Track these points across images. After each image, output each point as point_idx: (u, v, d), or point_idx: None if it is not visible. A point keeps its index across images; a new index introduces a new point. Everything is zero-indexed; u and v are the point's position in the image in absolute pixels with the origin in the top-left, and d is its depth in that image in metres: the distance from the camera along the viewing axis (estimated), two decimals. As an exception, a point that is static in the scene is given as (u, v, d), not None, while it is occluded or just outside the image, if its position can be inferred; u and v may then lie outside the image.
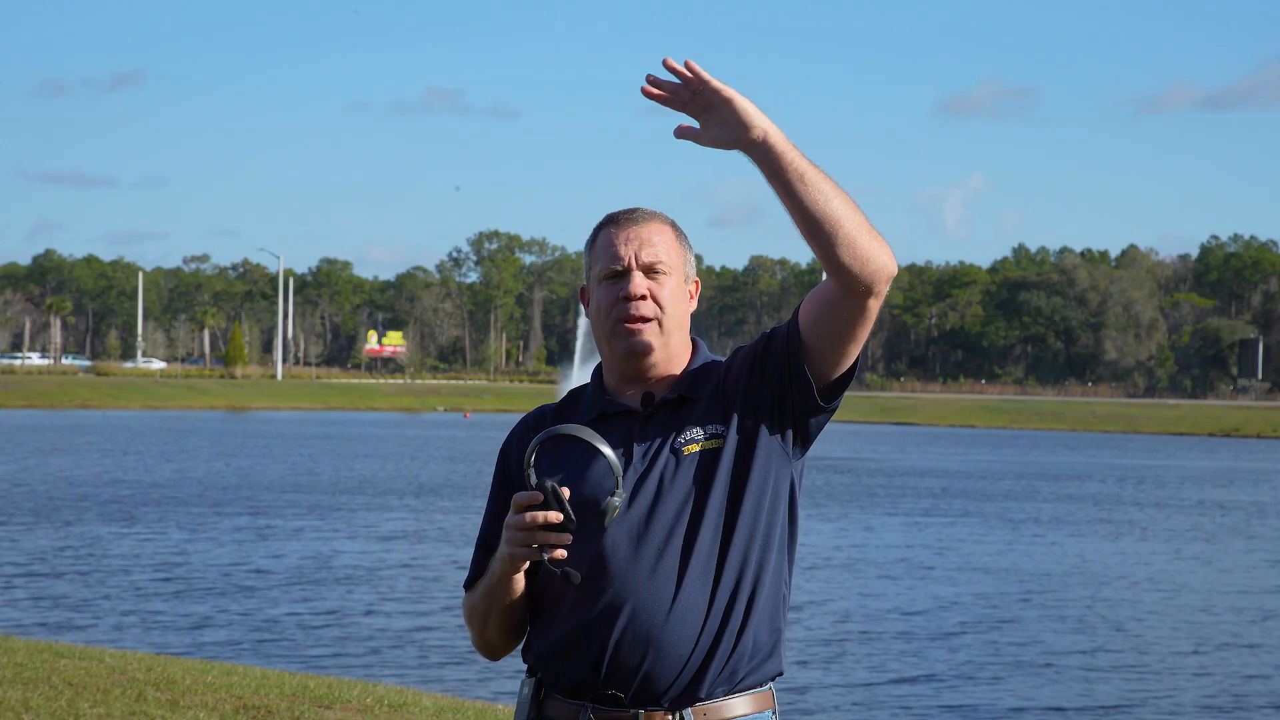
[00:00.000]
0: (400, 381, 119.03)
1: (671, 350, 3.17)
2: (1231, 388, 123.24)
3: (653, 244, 3.16)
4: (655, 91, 2.96)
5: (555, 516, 2.95)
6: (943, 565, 21.85)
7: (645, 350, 3.14)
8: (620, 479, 2.98)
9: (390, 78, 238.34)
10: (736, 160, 2.95)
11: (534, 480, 2.98)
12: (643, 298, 3.13)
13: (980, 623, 17.01)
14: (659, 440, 3.11)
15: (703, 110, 2.95)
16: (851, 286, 2.96)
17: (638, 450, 3.11)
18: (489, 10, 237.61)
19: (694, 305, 3.23)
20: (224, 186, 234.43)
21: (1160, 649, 15.90)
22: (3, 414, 70.63)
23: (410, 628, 15.80)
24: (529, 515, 2.97)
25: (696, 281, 3.24)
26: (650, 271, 3.15)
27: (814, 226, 2.93)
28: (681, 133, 2.97)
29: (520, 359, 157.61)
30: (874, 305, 3.00)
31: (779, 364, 3.10)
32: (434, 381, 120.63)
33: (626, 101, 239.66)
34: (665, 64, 2.94)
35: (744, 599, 3.05)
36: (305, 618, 16.24)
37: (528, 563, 3.04)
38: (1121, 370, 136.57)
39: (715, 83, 2.92)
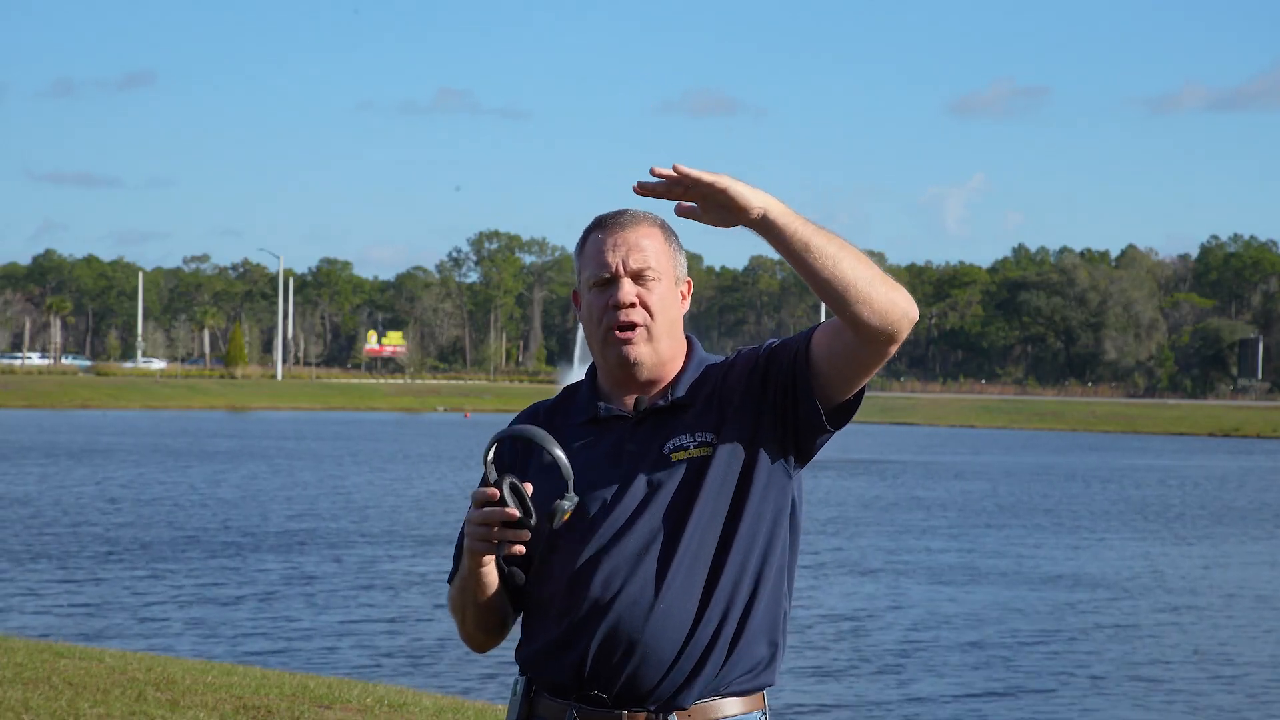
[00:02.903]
0: (400, 381, 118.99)
1: (663, 355, 3.17)
2: (1231, 388, 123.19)
3: (641, 249, 3.15)
4: (648, 192, 2.98)
5: (511, 513, 2.96)
6: (997, 572, 21.33)
7: (636, 360, 3.14)
8: (570, 482, 2.99)
9: (400, 78, 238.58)
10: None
11: (492, 477, 2.99)
12: (632, 305, 3.12)
13: (1042, 632, 16.55)
14: (648, 446, 3.12)
15: (700, 199, 2.97)
16: (871, 337, 2.97)
17: (627, 455, 3.12)
18: (500, 11, 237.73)
19: (686, 306, 3.23)
20: (230, 187, 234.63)
21: (1240, 661, 15.36)
22: (3, 414, 70.61)
23: (414, 629, 15.84)
24: (485, 511, 2.99)
25: (689, 282, 3.23)
26: (639, 277, 3.14)
27: (826, 290, 2.95)
28: (682, 212, 3.00)
29: (520, 359, 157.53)
30: (893, 349, 3.01)
31: (785, 383, 3.09)
32: (434, 381, 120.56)
33: (635, 101, 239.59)
34: (653, 172, 2.95)
35: (738, 610, 3.06)
36: (319, 621, 16.23)
37: (492, 559, 3.06)
38: (1121, 370, 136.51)
39: (706, 177, 2.93)
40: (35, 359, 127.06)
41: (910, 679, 14.04)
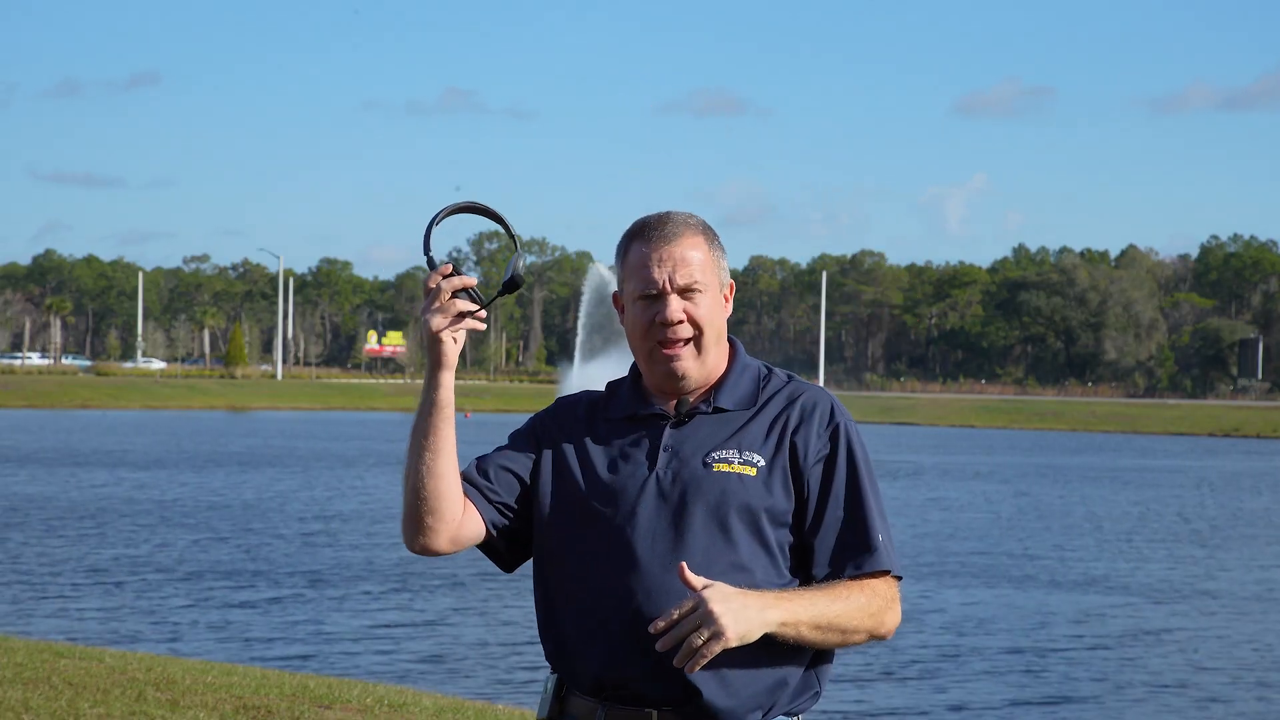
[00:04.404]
0: (400, 381, 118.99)
1: (709, 364, 3.15)
2: (1231, 388, 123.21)
3: (687, 263, 3.10)
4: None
5: (469, 280, 3.02)
6: (1025, 576, 21.01)
7: (684, 374, 3.11)
8: (517, 240, 3.07)
9: (407, 78, 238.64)
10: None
11: (438, 261, 3.04)
12: (680, 321, 3.09)
13: (1075, 638, 16.31)
14: (686, 449, 3.09)
15: None
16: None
17: (663, 456, 3.09)
18: (507, 11, 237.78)
19: (729, 309, 3.21)
20: (234, 187, 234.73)
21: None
22: (3, 414, 70.57)
23: (416, 630, 15.85)
24: (446, 281, 3.03)
25: (731, 285, 3.22)
26: (685, 292, 3.10)
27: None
28: None
29: (520, 359, 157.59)
30: None
31: (801, 481, 3.10)
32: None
33: (638, 101, 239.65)
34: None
35: None
36: (341, 626, 16.19)
37: (453, 367, 3.13)
38: (1121, 370, 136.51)
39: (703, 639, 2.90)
40: (35, 359, 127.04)
41: (944, 686, 13.85)
